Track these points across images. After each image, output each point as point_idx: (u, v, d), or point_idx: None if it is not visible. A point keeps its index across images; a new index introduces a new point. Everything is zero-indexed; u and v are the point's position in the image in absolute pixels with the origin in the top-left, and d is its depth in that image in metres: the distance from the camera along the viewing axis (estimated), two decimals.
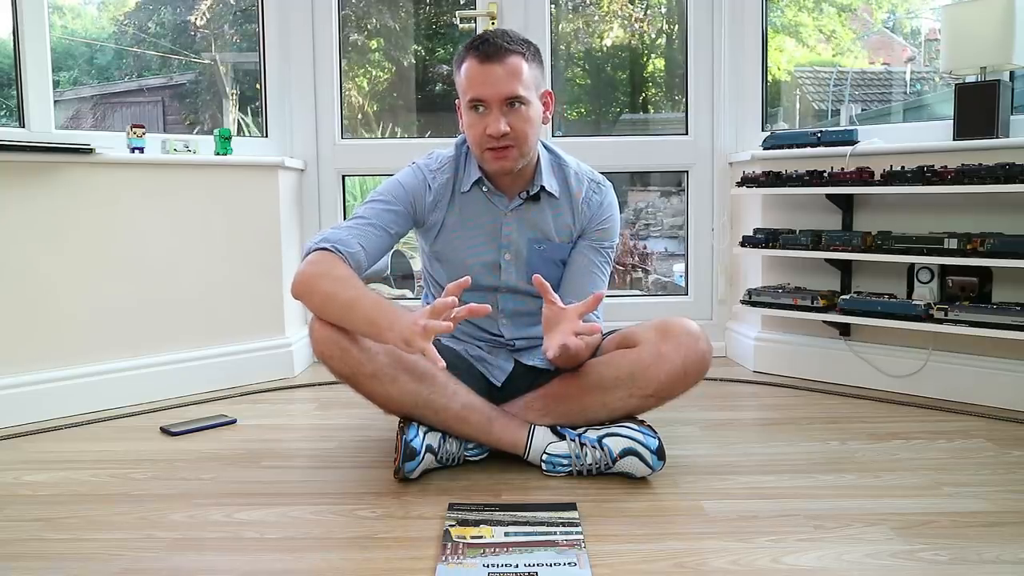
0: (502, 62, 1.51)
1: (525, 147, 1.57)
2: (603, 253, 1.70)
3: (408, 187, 1.64)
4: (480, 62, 1.52)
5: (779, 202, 2.45)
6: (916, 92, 3.65)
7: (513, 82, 1.52)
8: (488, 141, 1.54)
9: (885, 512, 1.36)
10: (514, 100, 1.53)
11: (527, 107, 1.55)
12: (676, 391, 1.57)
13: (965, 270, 2.06)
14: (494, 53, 1.52)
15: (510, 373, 1.72)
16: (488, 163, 1.59)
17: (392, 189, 1.64)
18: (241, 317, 2.40)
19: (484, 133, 1.53)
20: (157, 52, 3.76)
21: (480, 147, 1.57)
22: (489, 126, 1.52)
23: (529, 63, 1.55)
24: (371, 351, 1.49)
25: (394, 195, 1.63)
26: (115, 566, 1.19)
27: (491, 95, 1.52)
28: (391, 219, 1.61)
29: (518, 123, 1.54)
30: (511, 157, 1.56)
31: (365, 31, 3.42)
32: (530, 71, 1.55)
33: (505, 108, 1.53)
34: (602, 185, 1.72)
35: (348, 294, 1.44)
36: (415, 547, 1.24)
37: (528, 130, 1.56)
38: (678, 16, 3.40)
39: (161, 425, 1.93)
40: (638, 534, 1.27)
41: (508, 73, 1.51)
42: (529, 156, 1.61)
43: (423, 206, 1.65)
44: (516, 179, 1.65)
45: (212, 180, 2.33)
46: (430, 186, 1.65)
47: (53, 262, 2.04)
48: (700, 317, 2.75)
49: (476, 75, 1.53)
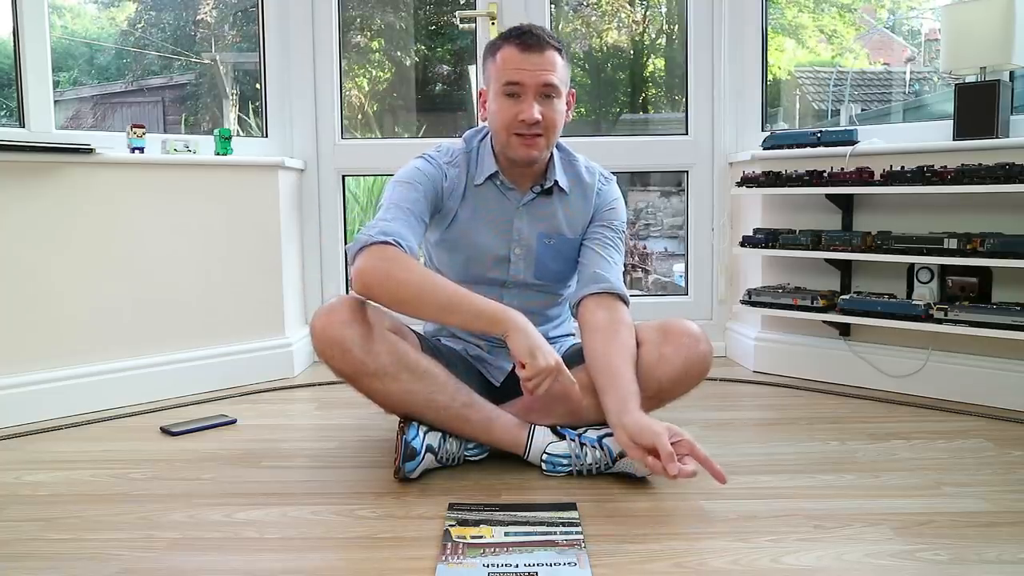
0: (542, 53, 1.56)
1: (552, 138, 1.61)
2: (614, 229, 1.72)
3: (428, 174, 1.63)
4: (521, 50, 1.56)
5: (779, 202, 2.45)
6: (916, 92, 3.65)
7: (551, 73, 1.56)
8: (519, 127, 1.57)
9: (885, 512, 1.35)
10: (549, 90, 1.57)
11: (559, 100, 1.59)
12: (677, 392, 1.57)
13: (965, 270, 2.06)
14: (535, 43, 1.56)
15: (509, 373, 1.72)
16: (514, 149, 1.60)
17: (413, 175, 1.62)
18: (241, 317, 2.40)
19: (516, 118, 1.56)
20: (157, 52, 3.76)
21: (508, 131, 1.59)
22: (523, 112, 1.55)
23: (563, 59, 1.60)
24: (372, 350, 1.48)
25: (419, 181, 1.61)
26: (115, 566, 1.19)
27: (530, 81, 1.55)
28: (423, 207, 1.60)
29: (550, 113, 1.58)
30: (539, 146, 1.59)
31: (368, 31, 3.42)
32: (563, 67, 1.60)
33: (540, 97, 1.56)
34: (609, 179, 1.79)
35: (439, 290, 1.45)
36: (415, 547, 1.23)
37: (558, 121, 1.60)
38: (678, 16, 3.41)
39: (161, 425, 1.93)
40: (638, 534, 1.27)
41: (547, 63, 1.56)
42: (552, 149, 1.66)
43: (443, 192, 1.65)
44: (530, 173, 1.68)
45: (212, 180, 2.33)
46: (446, 174, 1.66)
47: (53, 262, 2.04)
48: (700, 317, 2.75)
49: (516, 61, 1.56)
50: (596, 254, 1.67)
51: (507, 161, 1.66)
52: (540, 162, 1.66)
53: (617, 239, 1.72)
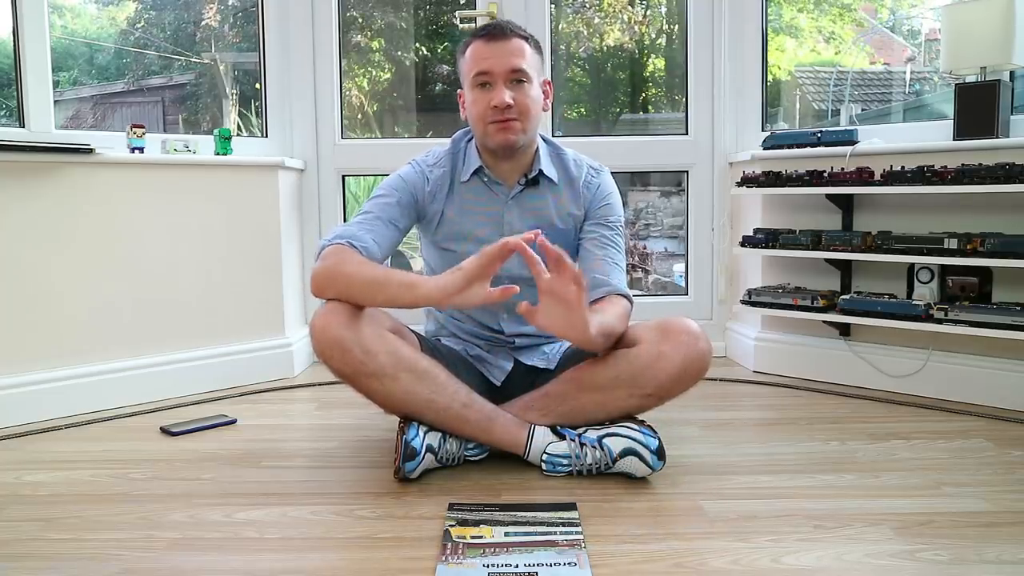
0: (507, 41, 1.59)
1: (527, 123, 1.62)
2: (611, 226, 1.72)
3: (407, 179, 1.68)
4: (487, 41, 1.60)
5: (779, 202, 2.45)
6: (916, 92, 3.65)
7: (518, 58, 1.59)
8: (493, 113, 1.59)
9: (885, 512, 1.35)
10: (518, 75, 1.59)
11: (530, 84, 1.61)
12: (676, 391, 1.57)
13: (965, 270, 2.06)
14: (500, 33, 1.60)
15: (509, 373, 1.72)
16: (491, 137, 1.61)
17: (392, 183, 1.68)
18: (241, 317, 2.40)
19: (489, 106, 1.58)
20: (157, 52, 3.76)
21: (484, 121, 1.61)
22: (494, 98, 1.58)
23: (531, 48, 1.63)
24: (372, 351, 1.48)
25: (395, 188, 1.67)
26: (115, 566, 1.19)
27: (497, 68, 1.58)
28: (396, 213, 1.64)
29: (522, 97, 1.60)
30: (515, 130, 1.60)
31: (368, 31, 3.42)
32: (533, 55, 1.63)
33: (510, 83, 1.59)
34: (600, 170, 1.77)
35: (376, 271, 1.48)
36: (415, 547, 1.23)
37: (531, 105, 1.61)
38: (678, 16, 3.41)
39: (161, 425, 1.93)
40: (638, 534, 1.27)
41: (513, 50, 1.60)
42: (531, 135, 1.66)
43: (423, 196, 1.68)
44: (515, 166, 1.69)
45: (212, 180, 2.33)
46: (428, 178, 1.69)
47: (53, 262, 2.04)
48: (700, 317, 2.75)
49: (482, 52, 1.60)
50: (595, 256, 1.67)
51: (490, 155, 1.67)
52: (523, 156, 1.67)
53: (615, 236, 1.71)
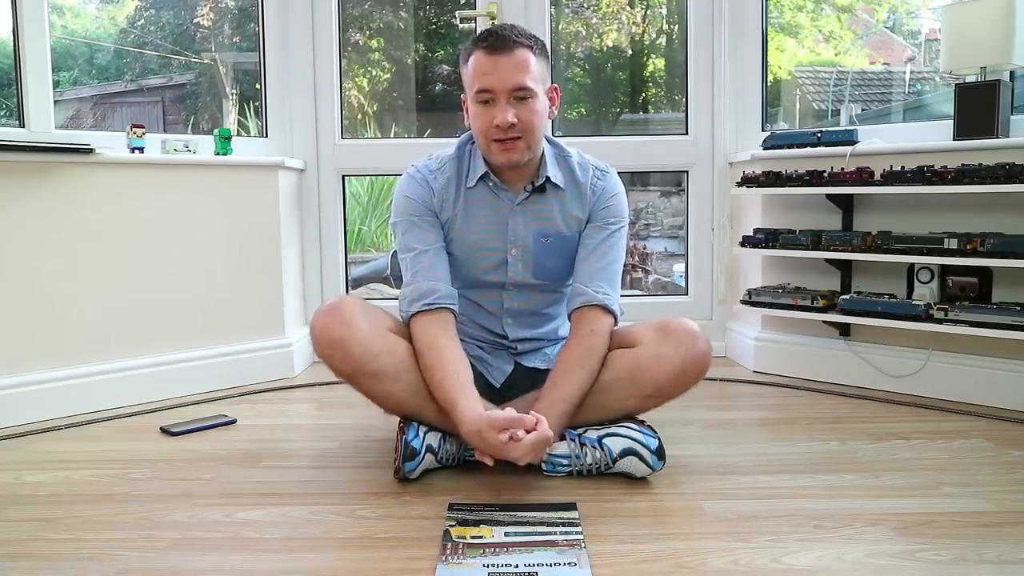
0: (510, 54, 1.52)
1: (532, 139, 1.57)
2: (610, 227, 1.67)
3: (415, 196, 1.64)
4: (488, 54, 1.53)
5: (779, 202, 2.45)
6: (916, 92, 3.65)
7: (521, 74, 1.52)
8: (495, 132, 1.54)
9: (885, 512, 1.35)
10: (522, 92, 1.53)
11: (534, 100, 1.55)
12: (676, 391, 1.56)
13: (965, 270, 2.06)
14: (502, 45, 1.52)
15: (510, 374, 1.72)
16: (494, 155, 1.58)
17: (405, 207, 1.64)
18: (241, 317, 2.40)
19: (491, 124, 1.53)
20: (157, 52, 3.76)
21: (487, 139, 1.57)
22: (496, 117, 1.52)
23: (536, 57, 1.56)
24: (372, 351, 1.49)
25: (412, 212, 1.63)
26: (115, 566, 1.19)
27: (499, 86, 1.52)
28: (433, 236, 1.63)
29: (525, 115, 1.54)
30: (518, 149, 1.56)
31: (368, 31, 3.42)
32: (537, 64, 1.55)
33: (513, 100, 1.53)
34: (606, 171, 1.72)
35: (442, 372, 1.49)
36: (415, 547, 1.23)
37: (535, 122, 1.55)
38: (678, 16, 3.41)
39: (161, 425, 1.93)
40: (638, 534, 1.27)
41: (516, 65, 1.52)
42: (535, 149, 1.61)
43: (434, 207, 1.65)
44: (522, 173, 1.65)
45: (212, 180, 2.33)
46: (432, 188, 1.65)
47: (53, 262, 2.04)
48: (700, 317, 2.75)
49: (484, 66, 1.53)
50: (587, 260, 1.65)
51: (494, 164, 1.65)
52: (529, 163, 1.63)
53: (612, 239, 1.67)
